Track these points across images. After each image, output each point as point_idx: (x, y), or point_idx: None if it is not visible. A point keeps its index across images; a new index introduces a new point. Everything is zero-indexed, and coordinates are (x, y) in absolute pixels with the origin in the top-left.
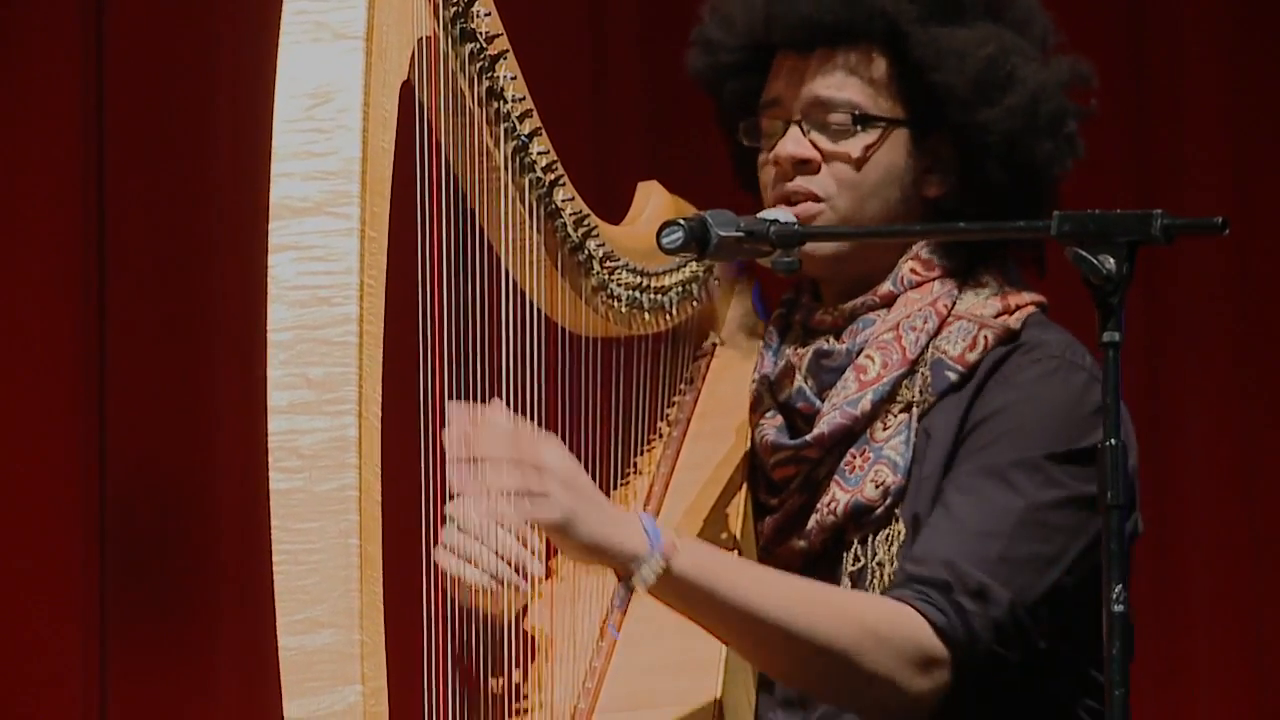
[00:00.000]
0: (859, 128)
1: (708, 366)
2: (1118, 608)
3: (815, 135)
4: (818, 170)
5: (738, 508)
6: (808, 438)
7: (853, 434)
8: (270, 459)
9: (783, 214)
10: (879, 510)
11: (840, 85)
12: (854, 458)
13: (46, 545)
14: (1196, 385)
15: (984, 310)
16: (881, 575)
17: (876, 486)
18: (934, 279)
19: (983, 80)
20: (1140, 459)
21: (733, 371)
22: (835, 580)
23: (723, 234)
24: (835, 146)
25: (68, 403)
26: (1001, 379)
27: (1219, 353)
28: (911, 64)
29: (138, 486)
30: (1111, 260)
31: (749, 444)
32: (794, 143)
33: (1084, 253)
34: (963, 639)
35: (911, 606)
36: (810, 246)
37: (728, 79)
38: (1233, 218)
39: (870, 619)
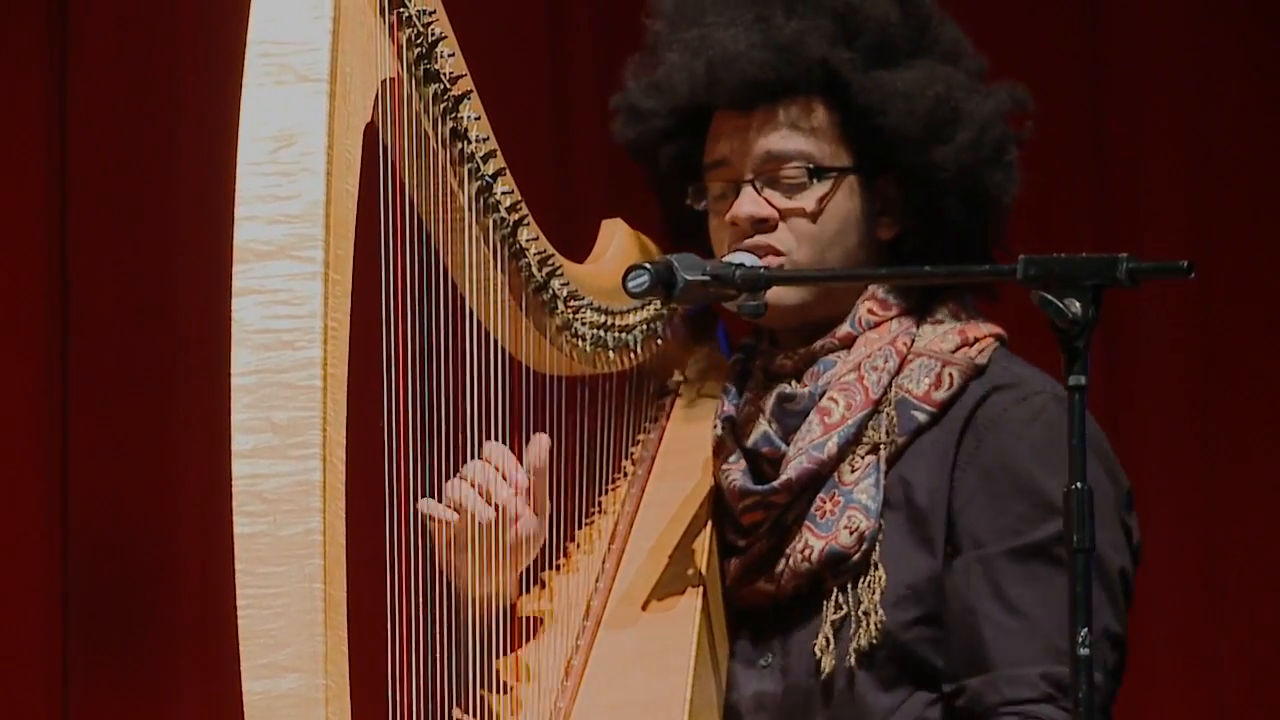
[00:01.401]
0: (813, 180)
1: (672, 405)
2: (1083, 651)
3: (769, 192)
4: (775, 227)
5: (703, 545)
6: (775, 484)
7: (820, 478)
8: (234, 503)
9: (748, 258)
10: (855, 557)
11: (788, 139)
12: (824, 502)
13: (7, 591)
14: (1156, 428)
15: (943, 345)
16: (867, 625)
17: (851, 533)
18: (891, 318)
19: (933, 119)
20: None
21: (698, 410)
22: (802, 627)
23: (689, 278)
24: (790, 201)
25: (30, 446)
26: (994, 426)
27: (1179, 395)
28: (856, 110)
29: (100, 530)
30: (1077, 304)
31: (714, 482)
32: (751, 203)
33: (1050, 296)
34: None
35: None
36: (774, 298)
37: (662, 145)
38: (1193, 261)
39: None
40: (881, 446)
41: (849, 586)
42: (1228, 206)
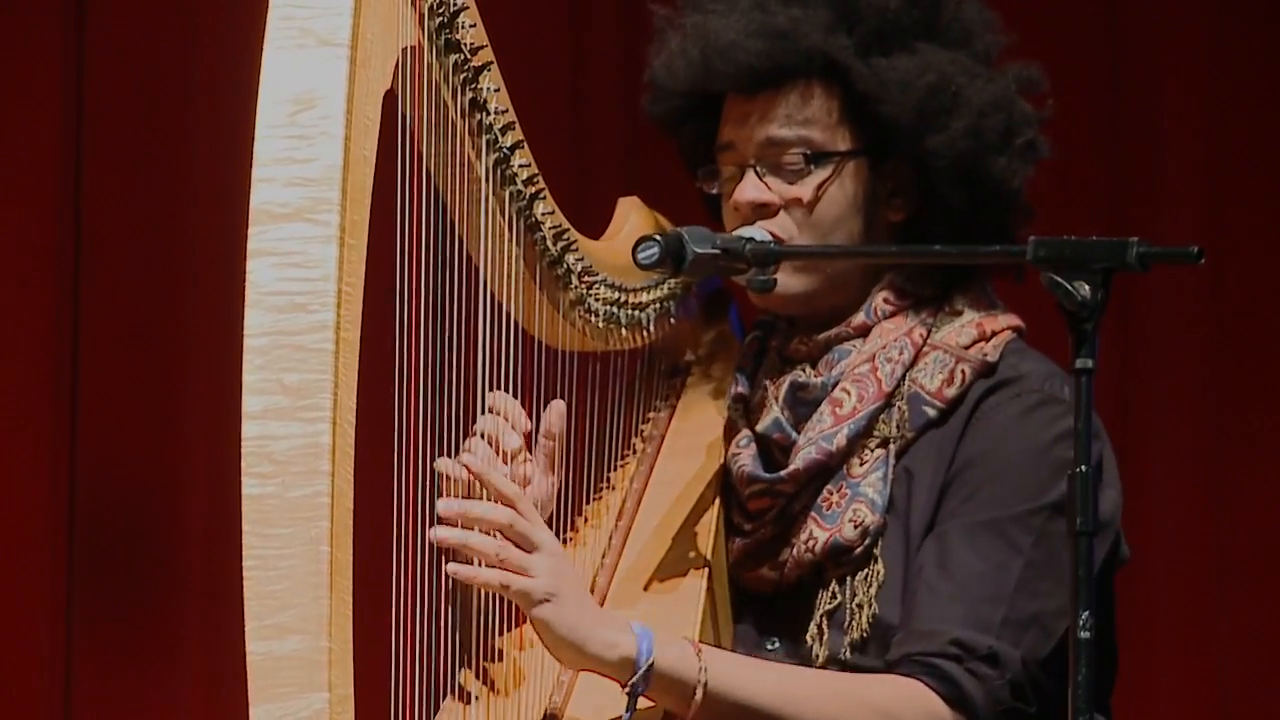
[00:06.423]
0: (812, 166)
1: (683, 384)
2: (1084, 634)
3: (771, 178)
4: (776, 213)
5: (709, 526)
6: (783, 473)
7: (829, 469)
8: (243, 464)
9: (759, 232)
10: (858, 550)
11: (788, 125)
12: (831, 494)
13: (13, 545)
14: (1167, 412)
15: (959, 339)
16: (860, 616)
17: (855, 526)
18: (907, 308)
19: (926, 109)
20: None
21: (708, 390)
22: (807, 615)
23: (698, 251)
24: (790, 188)
25: (39, 402)
26: (984, 418)
27: (1190, 379)
28: (857, 95)
29: (108, 489)
30: (1086, 287)
31: (722, 463)
32: (752, 188)
33: (1059, 278)
34: (981, 705)
35: (922, 683)
36: (780, 286)
37: (683, 123)
38: (1207, 245)
39: (884, 703)
40: (892, 441)
41: (847, 579)
42: (1243, 190)
